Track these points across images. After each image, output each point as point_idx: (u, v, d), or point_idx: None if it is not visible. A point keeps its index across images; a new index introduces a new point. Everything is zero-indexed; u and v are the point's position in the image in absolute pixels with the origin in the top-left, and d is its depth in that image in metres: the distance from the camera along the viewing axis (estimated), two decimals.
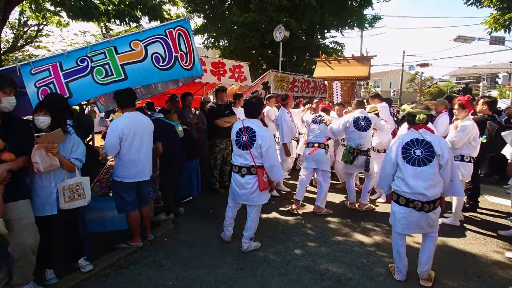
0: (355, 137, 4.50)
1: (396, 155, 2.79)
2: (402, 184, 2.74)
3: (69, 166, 2.70)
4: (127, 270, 3.06)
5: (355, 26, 14.56)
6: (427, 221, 2.71)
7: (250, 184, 3.22)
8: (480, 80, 31.82)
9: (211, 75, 5.87)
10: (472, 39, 15.41)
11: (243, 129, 3.23)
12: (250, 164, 3.20)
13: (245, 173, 3.23)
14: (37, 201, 2.62)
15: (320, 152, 4.56)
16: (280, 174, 3.27)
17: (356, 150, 4.49)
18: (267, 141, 3.12)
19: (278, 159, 3.22)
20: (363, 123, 4.48)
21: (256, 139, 3.13)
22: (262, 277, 2.97)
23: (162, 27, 3.54)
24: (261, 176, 3.18)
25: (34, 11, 8.78)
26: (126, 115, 3.20)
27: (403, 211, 2.75)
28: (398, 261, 2.92)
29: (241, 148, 3.22)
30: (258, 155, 3.16)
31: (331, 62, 8.34)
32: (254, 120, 3.28)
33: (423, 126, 2.79)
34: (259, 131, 3.16)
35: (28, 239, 2.43)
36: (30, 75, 3.03)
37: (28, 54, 16.01)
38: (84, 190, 2.76)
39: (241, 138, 3.22)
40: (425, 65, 28.70)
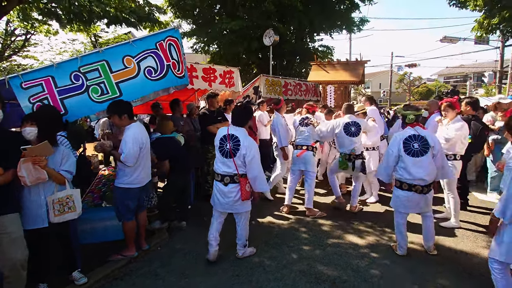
0: (347, 143, 4.53)
1: (398, 149, 3.29)
2: (404, 172, 3.27)
3: (58, 178, 2.68)
4: (122, 281, 3.04)
5: (344, 29, 14.74)
6: (425, 201, 3.31)
7: (233, 193, 3.15)
8: (467, 79, 32.43)
9: (202, 81, 5.89)
10: (457, 39, 15.78)
11: (228, 136, 3.15)
12: (233, 173, 3.12)
13: (228, 181, 3.15)
14: (27, 214, 2.60)
15: (308, 154, 4.63)
16: (264, 185, 3.22)
17: (352, 156, 4.53)
18: (252, 151, 3.07)
19: (261, 169, 3.18)
20: (353, 128, 4.53)
21: (240, 148, 3.07)
22: (258, 282, 2.98)
23: (153, 39, 3.56)
24: (244, 185, 3.12)
25: (21, 20, 8.70)
26: (136, 125, 3.25)
27: (406, 195, 3.30)
28: (401, 239, 3.44)
29: (224, 155, 3.14)
30: (241, 164, 3.11)
31: (326, 66, 8.47)
32: (239, 128, 3.21)
33: (417, 124, 3.36)
34: (243, 141, 3.10)
35: (17, 254, 2.40)
36: (22, 89, 3.02)
37: (16, 64, 15.82)
38: (74, 203, 2.73)
39: (224, 145, 3.15)
40: (413, 66, 29.18)
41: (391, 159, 3.36)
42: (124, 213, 3.27)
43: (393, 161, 3.34)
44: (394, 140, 3.38)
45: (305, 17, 12.32)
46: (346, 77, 7.88)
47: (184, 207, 4.33)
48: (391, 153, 3.34)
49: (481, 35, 8.81)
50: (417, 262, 3.30)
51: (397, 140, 3.33)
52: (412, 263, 3.29)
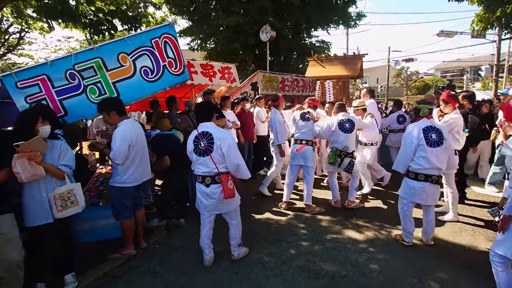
0: (341, 139, 4.55)
1: (419, 139, 3.33)
2: (424, 162, 3.32)
3: (57, 173, 2.65)
4: (121, 279, 3.03)
5: (341, 23, 14.68)
6: (437, 192, 3.43)
7: (216, 193, 3.03)
8: (464, 73, 32.47)
9: (202, 76, 5.83)
10: (454, 33, 15.73)
11: (199, 135, 3.02)
12: (214, 172, 3.00)
13: (209, 182, 3.02)
14: (30, 212, 2.59)
15: (308, 149, 4.61)
16: (247, 172, 3.11)
17: (343, 153, 4.53)
18: (226, 141, 2.96)
19: (241, 157, 3.09)
20: (348, 125, 4.55)
21: (214, 141, 2.96)
22: (257, 279, 2.98)
23: (148, 35, 3.54)
24: (226, 183, 2.99)
25: (15, 18, 8.59)
26: (127, 122, 3.19)
27: (422, 185, 3.37)
28: (410, 227, 3.52)
29: (201, 155, 3.00)
30: (220, 158, 2.98)
31: (323, 61, 8.37)
32: (208, 124, 3.08)
33: (431, 117, 3.47)
34: (215, 133, 2.99)
35: (13, 255, 2.38)
36: (17, 89, 2.99)
37: (11, 63, 15.66)
38: (76, 197, 2.71)
39: (199, 144, 3.01)
40: (410, 60, 29.21)
41: (410, 148, 3.37)
42: (121, 212, 3.24)
43: (412, 151, 3.37)
44: (411, 130, 3.41)
45: (301, 13, 12.27)
46: (344, 72, 7.79)
47: (182, 205, 4.31)
48: (411, 142, 3.36)
49: (481, 29, 8.75)
50: (416, 256, 3.31)
51: (416, 130, 3.37)
52: (411, 257, 3.30)
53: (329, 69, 8.13)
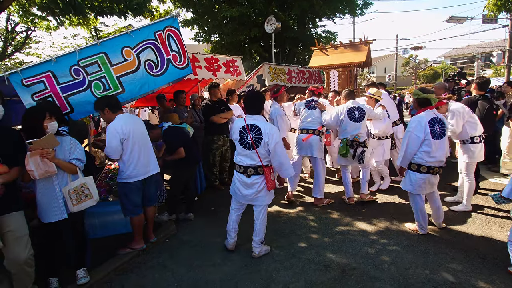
0: (351, 128, 4.27)
1: (425, 133, 3.24)
2: (426, 156, 3.28)
3: (70, 168, 2.67)
4: (132, 274, 3.05)
5: (347, 13, 14.41)
6: (436, 180, 3.43)
7: (257, 184, 3.04)
8: (475, 60, 31.68)
9: (206, 71, 5.78)
10: (464, 19, 15.32)
11: (247, 127, 2.99)
12: (257, 164, 3.00)
13: (251, 173, 3.03)
14: (45, 208, 2.61)
15: (314, 138, 4.43)
16: (290, 171, 3.10)
17: (355, 142, 4.26)
18: (274, 138, 2.91)
19: (287, 155, 3.09)
20: (357, 113, 4.29)
21: (263, 137, 2.91)
22: (267, 272, 2.97)
23: (151, 28, 3.50)
24: (269, 175, 3.00)
25: (22, 17, 8.65)
26: (120, 117, 3.15)
27: (424, 177, 3.34)
28: (423, 218, 3.50)
29: (247, 148, 2.99)
30: (265, 153, 2.98)
31: (327, 49, 8.00)
32: (257, 117, 3.05)
33: (434, 107, 3.38)
34: (265, 129, 2.94)
35: (22, 253, 2.39)
36: (24, 87, 2.99)
37: (19, 62, 15.83)
38: (90, 190, 2.73)
39: (245, 137, 2.99)
40: (419, 48, 28.59)
41: (416, 143, 3.28)
42: (129, 208, 3.24)
43: (417, 146, 3.29)
44: (417, 124, 3.28)
45: (306, 2, 12.05)
46: (349, 59, 7.39)
47: (191, 199, 4.31)
48: (417, 137, 3.27)
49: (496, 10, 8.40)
50: (427, 247, 3.26)
51: (422, 124, 3.26)
52: (423, 248, 3.25)
53: (334, 58, 7.76)
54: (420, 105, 3.41)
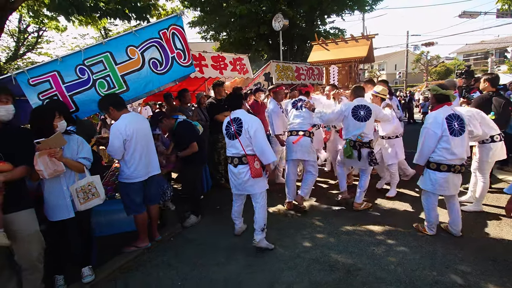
0: (353, 128, 3.99)
1: (443, 129, 3.14)
2: (446, 153, 3.16)
3: (77, 167, 2.69)
4: (137, 272, 3.07)
5: (356, 9, 14.20)
6: (459, 181, 3.29)
7: (242, 173, 3.26)
8: (489, 56, 30.88)
9: (212, 69, 5.77)
10: (478, 14, 14.91)
11: (231, 121, 3.31)
12: (241, 153, 3.24)
13: (237, 163, 3.27)
14: (52, 206, 2.64)
15: (305, 140, 4.19)
16: (272, 156, 3.23)
17: (358, 143, 3.99)
18: (253, 125, 3.18)
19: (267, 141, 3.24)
20: (363, 112, 3.97)
21: (243, 125, 3.20)
22: (271, 271, 2.95)
23: (156, 27, 3.51)
24: (252, 163, 3.19)
25: (32, 17, 8.79)
26: (124, 117, 3.17)
27: (445, 176, 3.21)
28: (434, 219, 3.42)
29: (231, 138, 3.29)
30: (247, 141, 3.20)
31: (328, 44, 7.83)
32: (238, 110, 3.36)
33: (451, 103, 3.29)
34: (244, 118, 3.24)
35: (33, 249, 2.43)
36: (30, 86, 3.03)
37: (31, 62, 16.13)
38: (97, 189, 2.76)
39: (230, 129, 3.30)
40: (430, 44, 28.03)
41: (434, 140, 3.20)
42: (131, 207, 3.27)
43: (435, 143, 3.20)
44: (434, 120, 3.20)
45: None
46: (350, 54, 7.20)
47: (196, 199, 4.29)
48: (434, 134, 3.18)
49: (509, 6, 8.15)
50: (435, 249, 3.18)
51: (439, 120, 3.17)
52: (430, 249, 3.18)
53: (334, 52, 7.55)
54: (438, 101, 3.31)
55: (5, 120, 2.42)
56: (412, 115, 15.91)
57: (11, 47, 14.86)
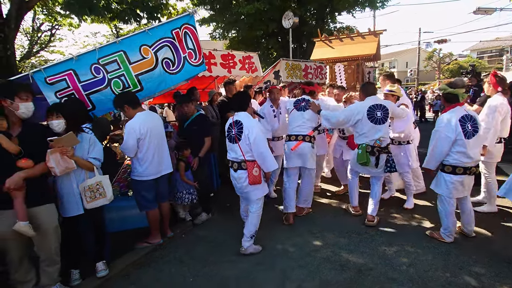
0: (371, 132, 3.52)
1: (457, 133, 3.01)
2: (462, 157, 3.04)
3: (87, 166, 2.75)
4: (149, 267, 3.12)
5: (366, 6, 14.01)
6: (472, 182, 3.19)
7: (241, 178, 3.17)
8: (503, 53, 30.14)
9: (221, 68, 5.79)
10: (493, 10, 14.58)
11: (233, 123, 3.19)
12: (240, 159, 3.13)
13: (236, 167, 3.19)
14: (63, 203, 2.72)
15: (305, 146, 3.80)
16: (272, 163, 3.14)
17: (377, 148, 3.53)
18: (254, 130, 3.06)
19: (267, 148, 3.13)
20: (380, 113, 3.50)
21: (243, 130, 3.08)
22: (282, 270, 2.96)
23: (169, 26, 3.55)
24: (251, 169, 3.09)
25: (46, 15, 8.96)
26: (139, 115, 3.22)
27: (461, 179, 3.10)
28: (452, 225, 3.24)
29: (231, 141, 3.20)
30: (247, 148, 3.09)
31: (331, 41, 7.07)
32: (241, 113, 3.22)
33: (463, 103, 3.14)
34: (245, 122, 3.11)
35: (52, 242, 2.53)
36: (47, 84, 3.10)
37: (44, 60, 16.44)
38: (104, 189, 2.80)
39: (231, 132, 3.20)
40: (443, 41, 27.56)
41: (447, 144, 3.05)
42: (143, 204, 3.33)
43: (449, 147, 3.05)
44: (447, 123, 3.04)
45: None
46: (356, 52, 6.46)
47: (206, 196, 4.31)
48: (446, 137, 3.04)
49: None
50: (449, 249, 3.14)
51: (452, 123, 3.02)
52: (443, 250, 3.14)
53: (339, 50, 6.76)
54: (448, 101, 3.17)
55: (25, 117, 2.48)
56: (424, 114, 15.68)
57: (25, 46, 15.18)
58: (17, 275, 2.53)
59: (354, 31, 14.33)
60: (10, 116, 2.40)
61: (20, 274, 2.54)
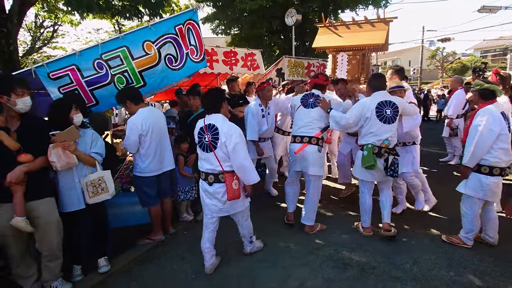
0: (379, 131, 3.17)
1: (502, 127, 2.82)
2: (503, 154, 2.86)
3: (89, 161, 2.74)
4: (151, 264, 3.11)
5: (370, 4, 13.91)
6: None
7: (219, 193, 2.69)
8: (507, 52, 29.92)
9: (223, 65, 5.77)
10: (497, 8, 14.44)
11: (205, 127, 2.68)
12: (218, 170, 2.65)
13: (212, 181, 2.69)
14: (64, 197, 2.70)
15: (311, 150, 3.37)
16: (254, 176, 2.71)
17: (385, 149, 3.17)
18: (233, 138, 2.57)
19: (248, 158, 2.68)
20: (389, 111, 3.16)
21: (219, 137, 2.59)
22: (284, 267, 2.94)
23: (172, 22, 3.53)
24: (230, 182, 2.63)
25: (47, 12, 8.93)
26: (141, 111, 3.20)
27: (497, 180, 2.91)
28: (476, 228, 3.09)
29: (205, 150, 2.68)
30: (224, 156, 2.62)
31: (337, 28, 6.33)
32: (216, 116, 2.70)
33: (496, 100, 2.98)
34: (222, 127, 2.61)
35: (53, 237, 2.51)
36: (50, 80, 3.08)
37: (46, 56, 16.42)
38: (106, 184, 2.80)
39: (203, 138, 2.68)
40: (446, 40, 27.37)
41: (491, 139, 2.81)
42: (145, 200, 3.33)
43: (492, 141, 2.82)
44: (491, 116, 2.82)
45: None
46: (364, 40, 5.72)
47: None
48: (491, 131, 2.80)
49: None
50: (452, 248, 3.12)
51: (496, 116, 2.83)
52: (447, 249, 3.12)
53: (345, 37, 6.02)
54: (483, 97, 2.97)
55: (23, 112, 2.46)
56: (428, 113, 15.61)
57: (27, 42, 15.18)
58: (18, 270, 2.53)
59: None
60: (8, 111, 2.38)
61: (22, 269, 2.54)
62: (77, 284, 2.76)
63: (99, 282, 2.81)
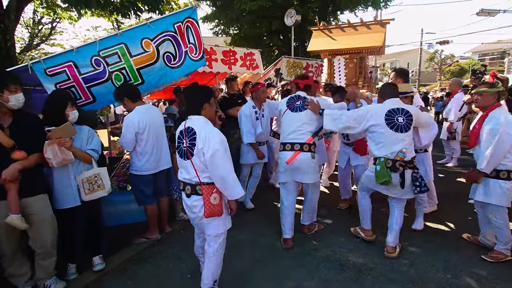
0: (389, 141, 2.88)
1: None
2: None
3: (85, 157, 2.72)
4: (147, 263, 3.09)
5: (369, 5, 13.94)
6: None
7: (196, 207, 2.27)
8: (505, 56, 30.10)
9: (222, 64, 5.76)
10: (496, 12, 14.51)
11: (184, 131, 2.29)
12: (194, 181, 2.24)
13: (189, 192, 2.29)
14: (59, 194, 2.67)
15: (304, 157, 3.14)
16: (238, 190, 2.25)
17: (399, 162, 2.87)
18: (211, 145, 2.13)
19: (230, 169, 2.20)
20: (402, 119, 2.88)
21: (196, 142, 2.18)
22: (281, 269, 2.93)
23: (171, 19, 3.51)
24: (208, 195, 2.20)
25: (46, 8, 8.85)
26: (138, 109, 3.17)
27: None
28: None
29: (182, 157, 2.30)
30: (201, 165, 2.19)
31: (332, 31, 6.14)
32: (196, 118, 2.29)
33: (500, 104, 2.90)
34: (200, 132, 2.19)
35: (47, 234, 2.48)
36: (47, 76, 3.05)
37: (44, 52, 16.33)
38: (102, 181, 2.77)
39: (181, 143, 2.29)
40: (445, 43, 27.51)
41: (510, 142, 2.71)
42: (141, 199, 3.30)
43: (510, 146, 2.73)
44: (506, 120, 2.73)
45: None
46: (361, 43, 5.54)
47: None
48: (509, 135, 2.69)
49: None
50: (449, 250, 3.12)
51: (509, 119, 2.75)
52: (444, 251, 3.12)
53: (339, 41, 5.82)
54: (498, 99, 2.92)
55: (15, 109, 2.42)
56: None
57: (25, 38, 15.08)
58: (11, 269, 2.50)
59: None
60: (0, 107, 2.35)
61: (14, 267, 2.51)
62: (71, 282, 2.72)
63: (93, 281, 2.78)
